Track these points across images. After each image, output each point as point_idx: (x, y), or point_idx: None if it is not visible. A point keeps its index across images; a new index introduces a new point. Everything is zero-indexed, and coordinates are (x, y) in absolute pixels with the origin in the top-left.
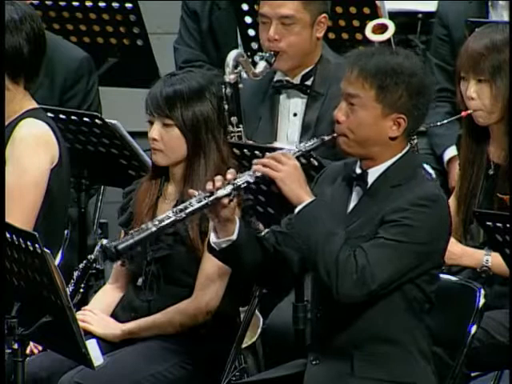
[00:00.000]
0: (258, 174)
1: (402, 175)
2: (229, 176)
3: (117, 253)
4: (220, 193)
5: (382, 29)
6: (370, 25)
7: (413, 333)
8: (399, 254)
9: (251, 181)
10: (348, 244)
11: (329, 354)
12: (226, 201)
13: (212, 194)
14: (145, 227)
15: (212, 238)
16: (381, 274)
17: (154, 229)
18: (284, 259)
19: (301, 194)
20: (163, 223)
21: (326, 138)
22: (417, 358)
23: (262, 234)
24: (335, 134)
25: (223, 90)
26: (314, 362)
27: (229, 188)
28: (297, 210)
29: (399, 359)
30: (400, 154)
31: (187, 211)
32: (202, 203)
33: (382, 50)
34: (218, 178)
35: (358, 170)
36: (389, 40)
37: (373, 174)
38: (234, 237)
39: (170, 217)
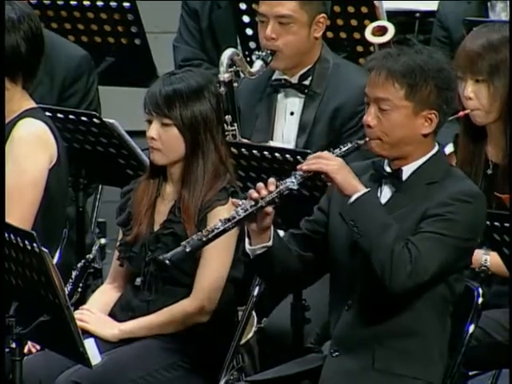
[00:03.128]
0: (299, 177)
1: (436, 173)
2: (271, 187)
3: (171, 263)
4: (266, 201)
5: (381, 31)
6: (370, 27)
7: (436, 332)
8: (445, 246)
9: (295, 188)
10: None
11: (351, 347)
12: (270, 209)
13: (257, 202)
14: (195, 237)
15: (246, 244)
16: (432, 265)
17: (204, 239)
18: (307, 263)
19: (355, 184)
20: (213, 233)
21: (360, 142)
22: (435, 358)
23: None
24: (367, 139)
25: (218, 88)
26: (334, 354)
27: (273, 195)
28: (353, 199)
29: (420, 357)
30: (433, 152)
31: (235, 220)
32: (249, 212)
33: (405, 50)
34: (262, 185)
35: (388, 169)
36: (389, 42)
37: (406, 171)
38: (270, 243)
39: (219, 227)
